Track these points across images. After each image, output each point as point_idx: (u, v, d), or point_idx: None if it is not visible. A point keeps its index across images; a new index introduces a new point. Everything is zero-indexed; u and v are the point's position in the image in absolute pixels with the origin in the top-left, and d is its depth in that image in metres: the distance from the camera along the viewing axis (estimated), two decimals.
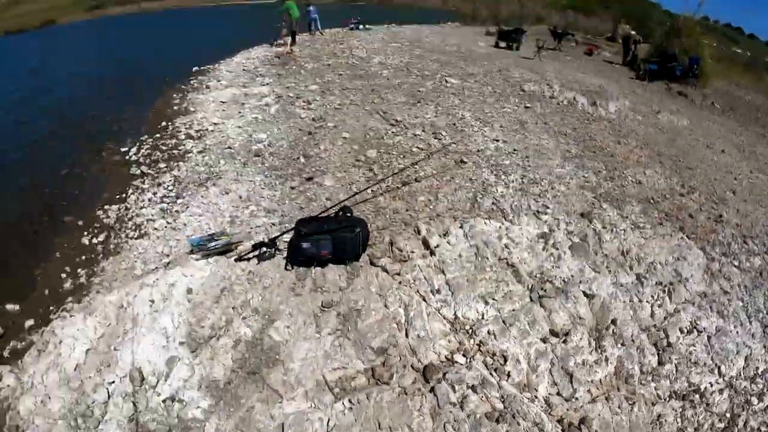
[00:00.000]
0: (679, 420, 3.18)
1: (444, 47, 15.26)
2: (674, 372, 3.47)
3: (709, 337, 3.77)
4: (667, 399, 3.31)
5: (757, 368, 3.61)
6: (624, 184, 6.01)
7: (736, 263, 4.68)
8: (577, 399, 3.11)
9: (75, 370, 3.21)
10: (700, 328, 3.83)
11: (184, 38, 26.54)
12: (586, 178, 6.05)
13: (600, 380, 3.28)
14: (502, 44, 16.51)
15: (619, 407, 3.11)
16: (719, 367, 3.56)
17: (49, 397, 3.00)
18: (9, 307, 4.13)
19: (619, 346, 3.54)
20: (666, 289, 4.13)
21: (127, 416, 2.91)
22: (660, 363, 3.53)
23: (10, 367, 3.37)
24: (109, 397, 3.01)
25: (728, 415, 3.27)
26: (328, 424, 2.81)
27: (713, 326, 3.88)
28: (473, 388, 3.00)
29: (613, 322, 3.72)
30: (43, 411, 2.93)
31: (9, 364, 3.44)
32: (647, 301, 3.99)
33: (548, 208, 5.13)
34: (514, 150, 6.69)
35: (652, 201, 5.67)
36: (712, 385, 3.43)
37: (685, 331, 3.80)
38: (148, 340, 3.33)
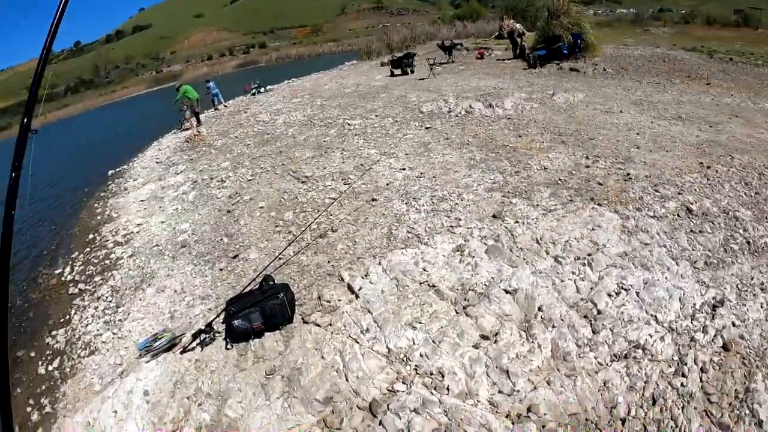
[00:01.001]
0: (626, 379, 3.43)
1: (343, 90, 16.01)
2: (610, 336, 3.75)
3: (638, 293, 4.10)
4: (609, 363, 3.57)
5: (695, 304, 3.92)
6: (530, 174, 6.48)
7: (651, 213, 5.09)
8: (518, 391, 3.37)
9: None
10: (627, 287, 4.16)
11: (93, 142, 26.71)
12: (493, 179, 6.50)
13: (538, 367, 3.55)
14: (397, 72, 17.46)
15: (561, 386, 3.38)
16: (655, 317, 3.86)
17: None
18: None
19: (550, 329, 3.84)
20: (585, 262, 4.49)
21: None
22: (594, 332, 3.80)
23: None
24: None
25: (675, 358, 3.53)
26: None
27: (640, 281, 4.21)
28: (416, 410, 3.26)
29: (540, 309, 4.03)
30: None
31: None
32: (569, 279, 4.32)
33: (460, 220, 5.51)
34: (421, 174, 7.12)
35: (560, 182, 6.13)
36: (651, 336, 3.71)
37: (613, 294, 4.12)
38: None
